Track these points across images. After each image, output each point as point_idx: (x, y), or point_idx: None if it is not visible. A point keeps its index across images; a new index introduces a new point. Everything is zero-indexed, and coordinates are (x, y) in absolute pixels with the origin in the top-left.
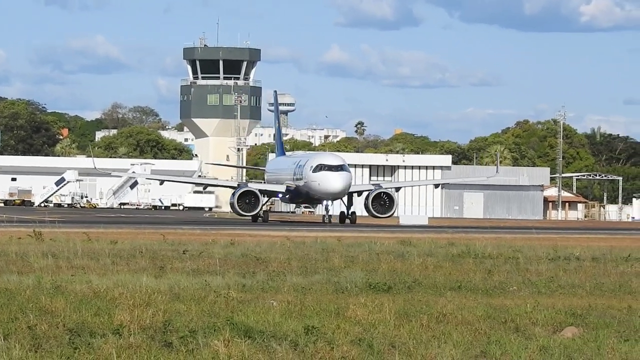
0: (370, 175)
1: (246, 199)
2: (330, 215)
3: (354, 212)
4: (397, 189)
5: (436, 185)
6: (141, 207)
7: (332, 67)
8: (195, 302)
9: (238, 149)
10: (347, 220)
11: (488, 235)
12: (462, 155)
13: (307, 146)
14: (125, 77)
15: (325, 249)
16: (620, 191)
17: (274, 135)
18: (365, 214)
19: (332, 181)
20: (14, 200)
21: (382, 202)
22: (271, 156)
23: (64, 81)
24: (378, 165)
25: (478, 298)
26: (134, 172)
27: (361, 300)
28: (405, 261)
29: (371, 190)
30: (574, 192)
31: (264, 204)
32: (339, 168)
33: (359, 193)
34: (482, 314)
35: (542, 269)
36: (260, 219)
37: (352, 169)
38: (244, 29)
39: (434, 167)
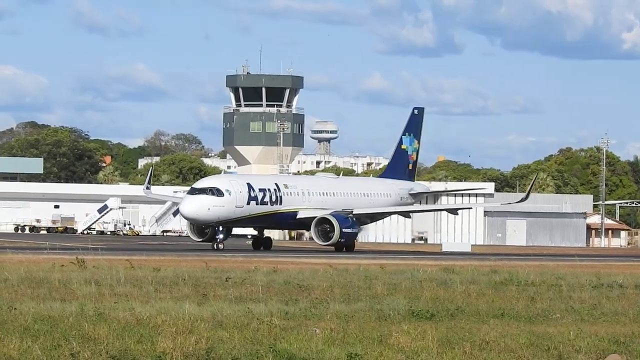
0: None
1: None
2: (219, 240)
3: (268, 237)
4: (372, 215)
5: (452, 211)
6: (184, 234)
7: (374, 95)
8: (238, 329)
9: None
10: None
11: (531, 263)
12: (504, 183)
13: (349, 174)
14: (167, 105)
15: (367, 276)
16: None
17: (317, 162)
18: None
19: (183, 205)
20: (57, 227)
21: (323, 229)
22: None
23: (105, 108)
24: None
25: (521, 325)
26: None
27: (404, 327)
28: (448, 289)
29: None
30: (617, 219)
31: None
32: (204, 191)
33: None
34: (525, 341)
35: (585, 297)
36: (217, 244)
37: None
38: (286, 56)
39: (476, 195)
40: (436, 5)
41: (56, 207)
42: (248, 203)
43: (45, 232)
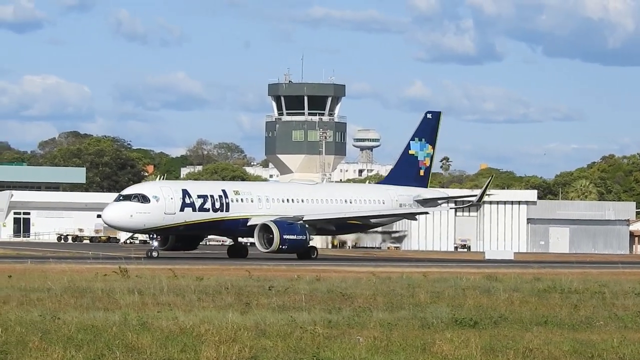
0: (455, 211)
1: None
2: (154, 248)
3: (243, 246)
4: (331, 221)
5: (411, 217)
6: (226, 243)
7: (415, 102)
8: (281, 338)
9: None
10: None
11: (574, 270)
12: (547, 190)
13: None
14: (209, 113)
15: (410, 284)
16: None
17: (359, 170)
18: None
19: (104, 211)
20: (100, 237)
21: (267, 235)
22: None
23: (147, 118)
24: (463, 201)
25: (564, 333)
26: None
27: (447, 335)
28: (491, 296)
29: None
30: None
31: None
32: (129, 198)
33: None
34: (569, 349)
35: (628, 304)
36: (152, 252)
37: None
38: (328, 64)
39: (519, 202)
40: (477, 13)
41: (99, 216)
42: (182, 210)
43: (88, 241)
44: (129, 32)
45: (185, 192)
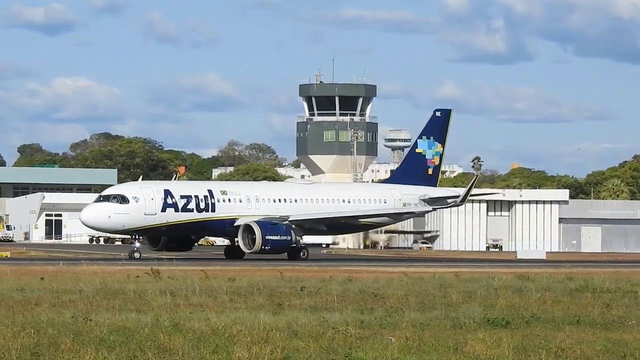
0: (487, 211)
1: None
2: (135, 248)
3: (238, 247)
4: (320, 221)
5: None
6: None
7: (446, 103)
8: (313, 338)
9: None
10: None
11: (606, 270)
12: (579, 190)
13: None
14: (240, 115)
15: (442, 284)
16: None
17: (391, 170)
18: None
19: (83, 212)
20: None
21: (251, 236)
22: None
23: (178, 119)
24: (495, 201)
25: (597, 332)
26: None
27: (479, 335)
28: (524, 296)
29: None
30: None
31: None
32: (108, 198)
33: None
34: (601, 348)
35: None
36: (133, 253)
37: (469, 204)
38: (359, 65)
39: (551, 202)
40: (508, 13)
41: None
42: (163, 210)
43: (120, 243)
44: (160, 34)
45: (167, 193)
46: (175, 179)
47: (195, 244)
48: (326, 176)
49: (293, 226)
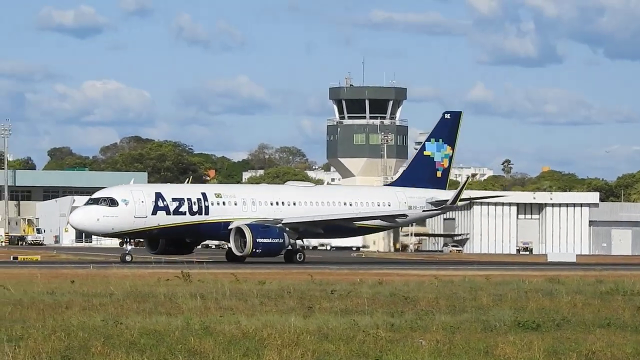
0: (517, 214)
1: None
2: (127, 252)
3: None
4: (299, 226)
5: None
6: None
7: (477, 106)
8: (343, 341)
9: None
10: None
11: (637, 272)
12: (609, 192)
13: (453, 185)
14: (270, 118)
15: (473, 287)
16: None
17: None
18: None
19: (71, 215)
20: None
21: (241, 239)
22: None
23: (208, 122)
24: (525, 204)
25: (627, 335)
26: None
27: (510, 338)
28: (554, 299)
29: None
30: None
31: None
32: (97, 201)
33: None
34: (632, 351)
35: None
36: (125, 256)
37: (499, 207)
38: (389, 68)
39: (581, 205)
40: (538, 15)
41: None
42: (154, 213)
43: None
44: (190, 37)
45: (158, 196)
46: (188, 182)
47: (199, 246)
48: (356, 179)
49: (287, 229)
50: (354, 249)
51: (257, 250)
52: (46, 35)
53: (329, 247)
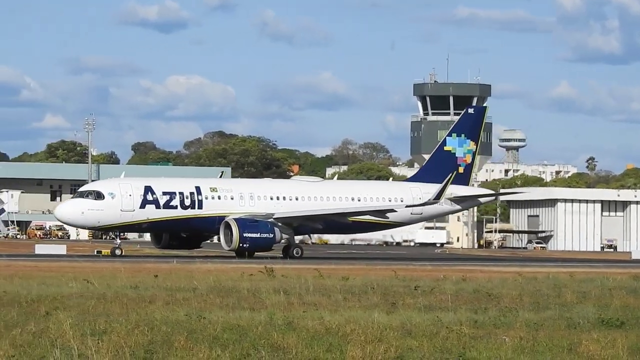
0: (602, 211)
1: None
2: (117, 245)
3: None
4: (292, 221)
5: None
6: (372, 242)
7: (561, 103)
8: (427, 338)
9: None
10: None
11: None
12: None
13: (538, 182)
14: (354, 113)
15: (556, 284)
16: None
17: (505, 170)
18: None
19: (57, 208)
20: None
21: (229, 235)
22: None
23: (292, 118)
24: (610, 201)
25: None
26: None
27: (593, 336)
28: (638, 296)
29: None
30: None
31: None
32: (83, 194)
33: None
34: None
35: None
36: (115, 250)
37: (583, 205)
38: (473, 64)
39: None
40: (623, 13)
41: None
42: (142, 207)
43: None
44: (273, 33)
45: (148, 189)
46: (220, 177)
47: (208, 241)
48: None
49: (279, 224)
50: (438, 245)
51: (245, 245)
52: (130, 31)
53: (412, 243)
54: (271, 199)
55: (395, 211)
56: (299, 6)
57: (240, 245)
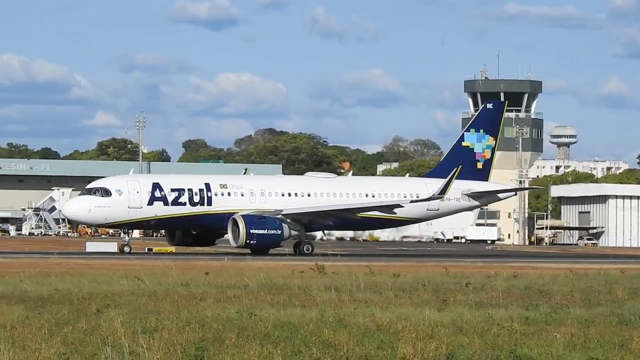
0: None
1: None
2: (126, 242)
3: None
4: (302, 217)
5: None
6: (423, 239)
7: (612, 99)
8: (478, 334)
9: (520, 182)
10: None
11: None
12: None
13: (589, 178)
14: (404, 110)
15: (608, 280)
16: None
17: (556, 167)
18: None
19: (64, 205)
20: None
21: (236, 231)
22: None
23: (343, 115)
24: None
25: None
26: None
27: None
28: None
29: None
30: None
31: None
32: (90, 191)
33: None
34: None
35: None
36: (124, 247)
37: (634, 201)
38: (524, 61)
39: None
40: None
41: None
42: (150, 204)
43: None
44: (324, 30)
45: (156, 186)
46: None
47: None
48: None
49: (288, 220)
50: (489, 241)
51: (252, 242)
52: (181, 28)
53: (463, 240)
54: (282, 195)
55: (402, 206)
56: (349, 3)
57: (248, 241)
